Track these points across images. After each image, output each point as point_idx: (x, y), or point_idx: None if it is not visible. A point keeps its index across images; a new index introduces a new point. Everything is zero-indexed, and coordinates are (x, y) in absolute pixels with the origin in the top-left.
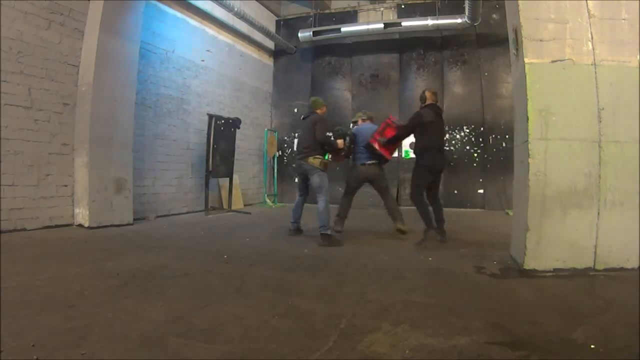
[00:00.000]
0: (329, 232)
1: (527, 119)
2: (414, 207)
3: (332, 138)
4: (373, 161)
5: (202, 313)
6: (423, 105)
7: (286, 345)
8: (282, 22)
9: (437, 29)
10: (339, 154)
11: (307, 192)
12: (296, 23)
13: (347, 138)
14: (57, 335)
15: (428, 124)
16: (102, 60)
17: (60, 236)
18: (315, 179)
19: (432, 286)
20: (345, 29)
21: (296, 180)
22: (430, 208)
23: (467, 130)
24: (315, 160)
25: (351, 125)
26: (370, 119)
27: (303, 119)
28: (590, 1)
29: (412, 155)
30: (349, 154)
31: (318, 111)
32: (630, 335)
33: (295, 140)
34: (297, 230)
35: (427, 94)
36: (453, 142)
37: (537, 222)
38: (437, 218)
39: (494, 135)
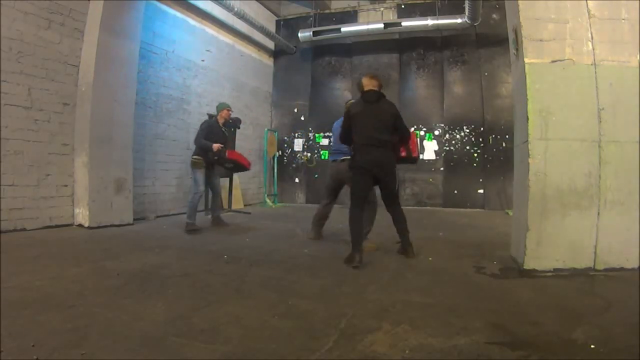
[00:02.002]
0: (186, 221)
1: (527, 119)
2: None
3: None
4: (345, 157)
5: (202, 313)
6: (361, 94)
7: (286, 345)
8: (282, 22)
9: (437, 29)
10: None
11: (211, 187)
12: (296, 23)
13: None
14: (57, 335)
15: (355, 117)
16: (102, 60)
17: (60, 236)
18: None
19: (432, 286)
20: (345, 29)
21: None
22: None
23: (467, 130)
24: (191, 159)
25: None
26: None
27: None
28: (590, 1)
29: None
30: (220, 160)
31: (218, 117)
32: (630, 335)
33: (296, 141)
34: (193, 226)
35: (364, 79)
36: (453, 142)
37: (537, 222)
38: (398, 229)
39: (494, 135)
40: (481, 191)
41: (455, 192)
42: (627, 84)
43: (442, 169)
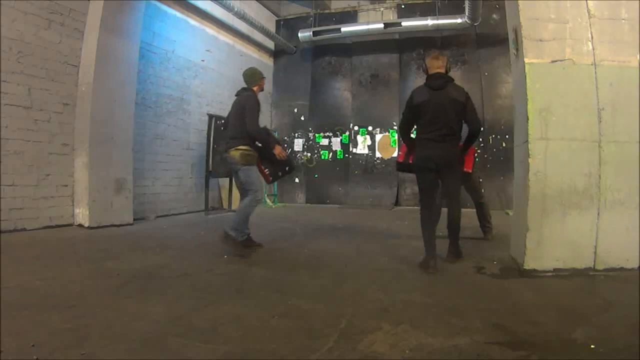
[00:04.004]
0: (239, 238)
1: (527, 119)
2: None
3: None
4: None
5: (202, 313)
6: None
7: (286, 345)
8: (282, 22)
9: (437, 29)
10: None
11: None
12: (296, 23)
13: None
14: (57, 335)
15: (419, 107)
16: (102, 60)
17: (60, 236)
18: (240, 176)
19: (432, 286)
20: (345, 29)
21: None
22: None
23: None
24: (236, 152)
25: None
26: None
27: (236, 96)
28: (590, 1)
29: None
30: (275, 175)
31: (255, 88)
32: (630, 335)
33: (296, 141)
34: (248, 241)
35: (428, 61)
36: None
37: (537, 222)
38: (449, 225)
39: (494, 135)
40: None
41: None
42: (627, 84)
43: None
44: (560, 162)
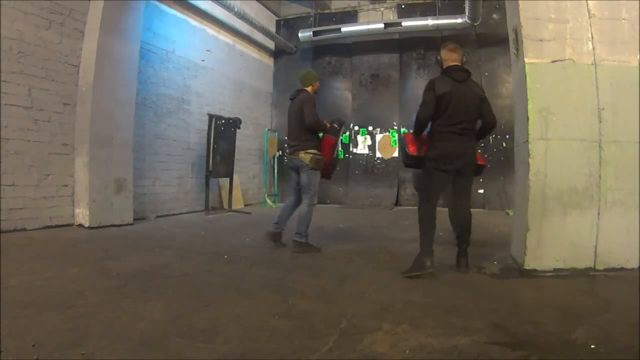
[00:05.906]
0: (303, 239)
1: (527, 119)
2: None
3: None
4: None
5: (202, 313)
6: (442, 70)
7: (286, 345)
8: (282, 22)
9: (437, 29)
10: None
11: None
12: (296, 23)
13: (337, 126)
14: (57, 335)
15: (443, 98)
16: (102, 60)
17: (60, 236)
18: (303, 177)
19: (432, 286)
20: (345, 29)
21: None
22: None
23: None
24: (306, 156)
25: None
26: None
27: (291, 99)
28: (590, 1)
29: None
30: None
31: (309, 89)
32: (630, 335)
33: None
34: (276, 235)
35: (444, 53)
36: None
37: (537, 222)
38: (458, 235)
39: (494, 135)
40: (481, 191)
41: None
42: (627, 84)
43: None
44: (560, 162)
